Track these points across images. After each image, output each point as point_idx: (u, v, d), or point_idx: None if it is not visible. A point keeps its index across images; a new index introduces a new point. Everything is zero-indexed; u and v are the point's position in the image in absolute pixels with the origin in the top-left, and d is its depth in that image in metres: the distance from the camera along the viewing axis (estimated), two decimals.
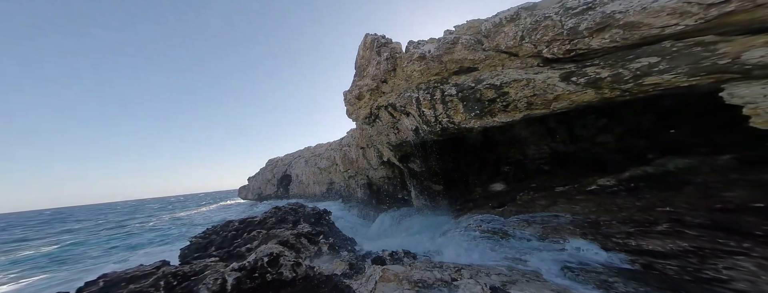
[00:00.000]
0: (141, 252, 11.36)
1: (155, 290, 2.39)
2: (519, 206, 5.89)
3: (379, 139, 8.85)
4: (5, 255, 13.05)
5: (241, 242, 5.71)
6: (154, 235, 15.81)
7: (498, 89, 4.96)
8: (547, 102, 4.59)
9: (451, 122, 5.92)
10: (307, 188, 23.28)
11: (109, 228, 21.26)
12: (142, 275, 2.74)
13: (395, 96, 7.12)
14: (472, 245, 5.02)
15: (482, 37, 5.53)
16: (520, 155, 6.96)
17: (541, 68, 4.60)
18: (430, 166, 8.27)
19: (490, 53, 5.26)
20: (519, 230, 4.90)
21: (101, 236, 17.12)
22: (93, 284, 2.65)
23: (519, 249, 4.44)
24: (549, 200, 5.50)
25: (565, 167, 6.19)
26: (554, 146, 6.56)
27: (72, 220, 34.22)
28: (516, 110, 5.01)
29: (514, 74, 4.83)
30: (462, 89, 5.55)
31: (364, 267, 3.88)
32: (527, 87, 4.63)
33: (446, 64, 6.06)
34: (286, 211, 8.03)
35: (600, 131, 5.85)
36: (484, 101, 5.24)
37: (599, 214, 4.47)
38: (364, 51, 8.45)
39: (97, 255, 11.78)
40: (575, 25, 3.70)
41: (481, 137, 7.43)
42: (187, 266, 2.95)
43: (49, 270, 10.04)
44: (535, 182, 6.29)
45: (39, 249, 14.41)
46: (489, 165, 7.45)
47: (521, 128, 6.66)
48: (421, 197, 9.11)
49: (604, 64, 3.80)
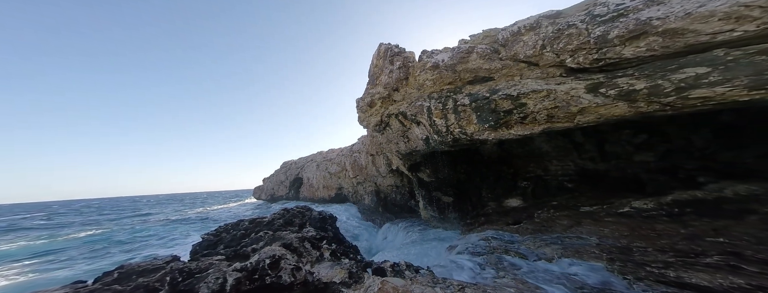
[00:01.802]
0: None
1: (160, 285, 2.40)
2: (537, 225, 5.32)
3: (389, 147, 8.69)
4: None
5: (248, 242, 5.70)
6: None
7: (515, 99, 4.64)
8: (570, 115, 4.18)
9: (464, 133, 5.61)
10: (316, 192, 23.48)
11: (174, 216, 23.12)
12: (153, 269, 2.80)
13: (406, 105, 7.00)
14: (481, 262, 4.55)
15: (499, 47, 5.32)
16: (540, 170, 6.38)
17: (563, 79, 4.25)
18: (440, 177, 7.90)
19: (507, 63, 5.01)
20: (536, 249, 4.36)
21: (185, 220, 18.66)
22: (109, 275, 2.75)
23: (533, 269, 3.92)
24: (572, 220, 4.90)
25: (593, 186, 5.54)
26: (581, 163, 5.94)
27: (142, 206, 37.34)
28: (535, 122, 4.62)
29: (533, 84, 4.50)
30: (476, 99, 5.29)
31: (363, 277, 3.63)
32: (548, 98, 4.27)
33: (460, 73, 5.88)
34: (294, 214, 8.01)
35: (638, 148, 5.20)
36: (499, 112, 4.92)
37: (632, 239, 3.86)
38: (377, 60, 8.54)
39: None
40: (604, 33, 3.38)
41: (497, 150, 6.97)
42: (194, 263, 2.98)
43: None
44: (556, 200, 5.69)
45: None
46: (505, 179, 6.91)
47: (542, 141, 6.14)
48: (429, 208, 8.66)
49: (640, 74, 3.39)
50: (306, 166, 26.25)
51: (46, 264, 9.40)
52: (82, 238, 13.96)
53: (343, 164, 18.95)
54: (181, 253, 7.22)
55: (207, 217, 20.31)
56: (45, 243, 13.25)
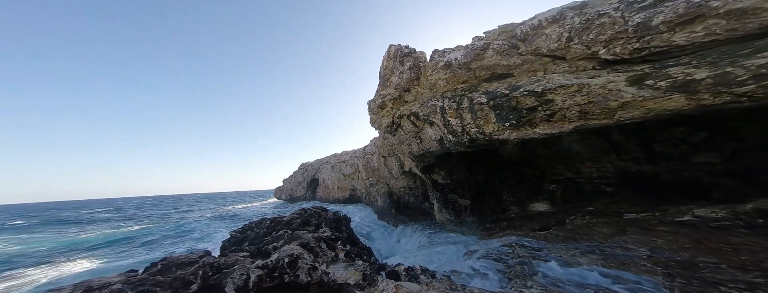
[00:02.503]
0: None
1: (194, 278, 2.56)
2: (569, 232, 4.76)
3: (401, 148, 8.48)
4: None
5: (270, 239, 5.89)
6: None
7: (539, 96, 4.19)
8: (609, 111, 3.64)
9: (482, 133, 5.22)
10: (331, 193, 23.94)
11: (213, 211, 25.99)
12: (189, 262, 3.01)
13: (418, 105, 6.75)
14: (505, 269, 4.14)
15: (518, 42, 4.90)
16: (570, 172, 5.70)
17: (597, 72, 3.74)
18: (455, 178, 7.50)
19: (529, 58, 4.59)
20: (569, 258, 3.86)
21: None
22: (154, 265, 3.01)
23: (566, 279, 3.44)
24: (614, 228, 4.29)
25: (638, 191, 4.81)
26: (621, 165, 5.19)
27: (183, 204, 41.73)
28: (564, 120, 4.12)
29: (560, 79, 4.03)
30: (494, 97, 4.89)
31: (377, 280, 3.51)
32: (579, 94, 3.77)
33: (475, 71, 5.52)
34: (311, 214, 8.15)
35: (696, 148, 4.39)
36: (521, 110, 4.48)
37: (697, 253, 3.24)
38: (387, 61, 8.40)
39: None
40: (645, 19, 2.92)
41: (519, 150, 6.39)
42: (222, 258, 3.12)
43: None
44: (592, 205, 5.04)
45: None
46: (529, 182, 6.30)
47: (572, 141, 5.48)
48: (444, 211, 8.27)
49: (699, 62, 2.83)
50: (321, 168, 26.92)
51: (114, 252, 11.02)
52: (140, 230, 16.24)
53: (356, 165, 19.08)
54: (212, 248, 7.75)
55: (235, 215, 21.85)
56: (115, 233, 15.70)
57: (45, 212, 36.41)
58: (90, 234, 15.51)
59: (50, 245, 12.78)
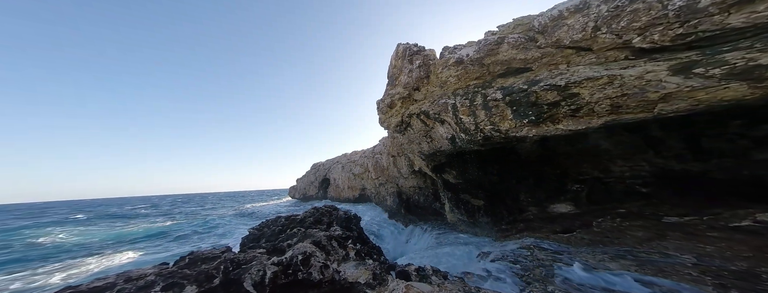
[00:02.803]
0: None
1: (216, 272, 2.68)
2: (596, 235, 4.36)
3: (410, 148, 8.31)
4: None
5: (284, 237, 6.05)
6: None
7: (563, 90, 3.84)
8: (647, 104, 3.23)
9: (497, 130, 4.92)
10: (342, 193, 24.25)
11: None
12: (212, 257, 3.19)
13: (428, 103, 6.53)
14: (522, 273, 3.86)
15: (536, 34, 4.55)
16: (597, 171, 5.21)
17: (631, 61, 3.35)
18: (468, 178, 7.20)
19: (549, 50, 4.25)
20: (596, 263, 3.52)
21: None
22: (182, 259, 3.22)
23: (592, 285, 3.13)
24: (651, 233, 3.85)
25: (681, 192, 4.27)
26: (660, 163, 4.63)
27: (207, 202, 44.92)
28: (592, 115, 3.74)
29: (587, 71, 3.66)
30: (510, 93, 4.59)
31: (387, 280, 3.44)
32: (610, 86, 3.39)
33: (489, 66, 5.22)
34: (322, 212, 8.27)
35: (759, 143, 3.80)
36: (541, 106, 4.15)
37: (759, 262, 2.80)
38: (396, 60, 8.24)
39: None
40: (690, 2, 2.56)
41: (538, 148, 5.95)
42: (242, 254, 3.26)
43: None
44: (623, 207, 4.57)
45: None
46: (549, 181, 5.87)
47: (599, 137, 4.99)
48: (456, 212, 8.00)
49: (765, 45, 2.39)
50: (332, 167, 27.36)
51: (151, 245, 12.25)
52: (171, 225, 17.90)
53: (365, 165, 19.14)
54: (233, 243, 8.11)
55: (253, 212, 23.01)
56: (152, 227, 17.40)
57: (96, 208, 41.12)
58: (133, 228, 17.31)
59: (101, 237, 14.41)
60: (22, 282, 7.55)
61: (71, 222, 21.01)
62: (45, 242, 13.34)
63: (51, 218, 25.58)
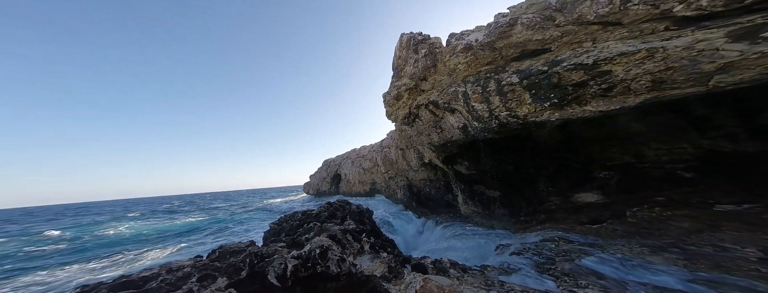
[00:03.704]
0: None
1: (243, 265, 2.83)
2: (631, 226, 3.97)
3: (420, 139, 8.04)
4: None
5: (302, 231, 6.20)
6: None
7: (591, 68, 3.38)
8: (700, 76, 2.74)
9: (514, 116, 4.54)
10: (353, 187, 24.57)
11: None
12: (238, 250, 3.35)
13: (437, 93, 6.18)
14: (547, 265, 3.60)
15: (553, 12, 4.08)
16: (629, 157, 4.66)
17: (674, 32, 2.87)
18: (481, 168, 6.85)
19: (570, 28, 3.80)
20: (634, 256, 3.18)
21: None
22: (213, 253, 3.42)
23: (632, 280, 2.81)
24: (700, 223, 3.41)
25: (735, 176, 3.70)
26: (706, 144, 4.01)
27: (235, 199, 47.93)
28: (627, 93, 3.27)
29: (619, 46, 3.19)
30: (528, 76, 4.16)
31: (402, 273, 3.38)
32: (651, 60, 2.92)
33: (501, 50, 4.78)
34: (336, 207, 8.37)
35: None
36: (565, 87, 3.72)
37: None
38: (400, 51, 7.85)
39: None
40: None
41: (557, 134, 5.45)
42: (264, 248, 3.38)
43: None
44: (662, 195, 4.08)
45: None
46: (572, 169, 5.38)
47: (630, 119, 4.42)
48: (470, 203, 7.73)
49: None
50: (343, 163, 27.69)
51: (190, 239, 13.51)
52: (203, 221, 19.73)
53: (374, 159, 19.10)
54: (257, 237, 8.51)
55: (273, 208, 24.28)
56: (191, 222, 19.36)
57: (147, 206, 45.38)
58: (175, 222, 19.33)
59: (149, 231, 16.08)
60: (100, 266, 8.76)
61: (128, 219, 23.68)
62: (115, 233, 15.82)
63: (111, 215, 29.23)
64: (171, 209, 33.02)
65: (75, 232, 16.71)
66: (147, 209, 35.74)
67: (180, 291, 2.27)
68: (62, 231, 17.36)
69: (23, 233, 17.79)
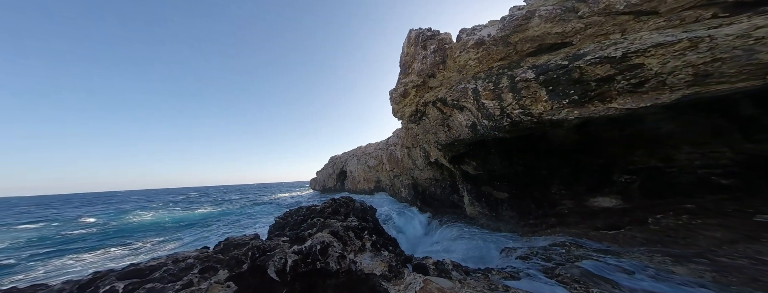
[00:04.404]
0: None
1: (245, 258, 2.83)
2: (653, 233, 3.63)
3: (426, 138, 7.80)
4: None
5: (306, 226, 6.21)
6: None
7: (619, 61, 3.05)
8: (757, 69, 2.36)
9: (528, 114, 4.23)
10: (358, 185, 24.63)
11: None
12: (242, 244, 3.38)
13: (445, 90, 5.92)
14: (556, 270, 3.34)
15: (576, 3, 3.77)
16: (656, 160, 4.22)
17: (721, 19, 2.51)
18: (490, 169, 6.55)
19: (595, 20, 3.49)
20: (655, 265, 2.88)
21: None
22: (219, 245, 3.46)
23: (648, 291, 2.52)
24: (735, 233, 3.05)
25: None
26: (750, 148, 3.52)
27: (246, 193, 50.05)
28: (662, 88, 2.91)
29: (655, 37, 2.85)
30: (545, 71, 3.85)
31: (403, 273, 3.26)
32: (694, 51, 2.56)
33: (516, 45, 4.47)
34: (340, 203, 8.33)
35: None
36: (588, 82, 3.39)
37: None
38: (408, 48, 7.59)
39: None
40: None
41: (574, 134, 5.06)
42: (267, 242, 3.38)
43: None
44: (692, 202, 3.68)
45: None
46: (589, 172, 4.98)
47: (660, 119, 3.99)
48: (476, 205, 7.45)
49: None
50: (348, 160, 27.78)
51: (203, 228, 14.10)
52: (219, 211, 20.89)
53: (379, 157, 18.98)
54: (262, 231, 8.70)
55: (281, 203, 24.90)
56: (205, 212, 20.69)
57: (166, 197, 48.20)
58: (192, 212, 20.52)
59: (168, 220, 16.99)
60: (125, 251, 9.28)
61: (149, 208, 25.31)
62: (138, 220, 16.94)
63: (135, 204, 30.99)
64: (188, 200, 34.90)
65: (105, 219, 17.92)
66: (166, 199, 37.73)
67: (180, 282, 2.26)
68: (96, 217, 18.65)
69: (61, 217, 19.35)
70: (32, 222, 17.15)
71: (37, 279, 6.79)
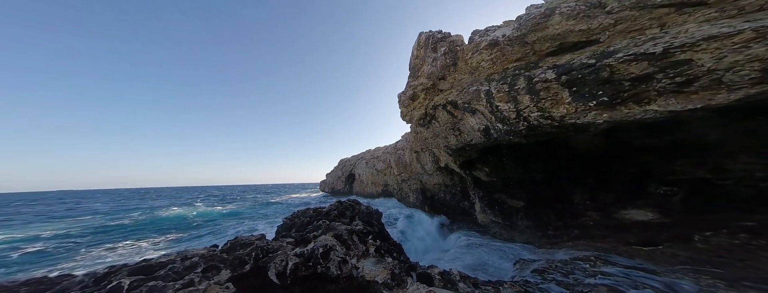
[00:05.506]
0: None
1: (248, 258, 2.77)
2: (699, 252, 3.14)
3: (436, 142, 7.51)
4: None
5: (311, 228, 6.14)
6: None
7: (659, 58, 2.66)
8: None
9: (548, 117, 3.86)
10: (366, 188, 24.50)
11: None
12: (248, 243, 3.33)
13: (456, 93, 5.67)
14: (577, 289, 2.89)
15: None
16: (704, 171, 3.60)
17: None
18: (504, 176, 6.10)
19: (627, 14, 3.17)
20: (704, 288, 2.37)
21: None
22: (226, 244, 3.44)
23: None
24: None
25: None
26: None
27: (258, 193, 52.62)
28: (717, 87, 2.47)
29: (706, 28, 2.46)
30: (568, 71, 3.50)
31: (406, 282, 3.02)
32: (761, 43, 2.14)
33: (534, 45, 4.17)
34: (346, 206, 8.19)
35: None
36: (620, 82, 3.00)
37: None
38: (418, 50, 7.46)
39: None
40: None
41: (600, 140, 4.52)
42: (272, 242, 3.31)
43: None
44: (753, 219, 3.07)
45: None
46: (619, 182, 4.39)
47: (706, 125, 3.41)
48: (488, 213, 6.95)
49: None
50: (357, 163, 27.84)
51: (218, 225, 14.75)
52: (238, 209, 21.95)
53: (387, 161, 18.78)
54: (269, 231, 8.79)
55: (291, 203, 25.45)
56: (224, 209, 21.80)
57: (192, 194, 51.69)
58: (212, 209, 21.92)
59: (194, 215, 18.15)
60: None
61: (178, 203, 27.34)
62: (166, 214, 18.51)
63: (167, 200, 33.58)
64: (209, 197, 37.45)
65: (140, 214, 19.45)
66: (192, 197, 40.61)
67: (182, 281, 2.22)
68: (139, 213, 20.26)
69: (118, 210, 21.42)
70: (134, 211, 19.85)
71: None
